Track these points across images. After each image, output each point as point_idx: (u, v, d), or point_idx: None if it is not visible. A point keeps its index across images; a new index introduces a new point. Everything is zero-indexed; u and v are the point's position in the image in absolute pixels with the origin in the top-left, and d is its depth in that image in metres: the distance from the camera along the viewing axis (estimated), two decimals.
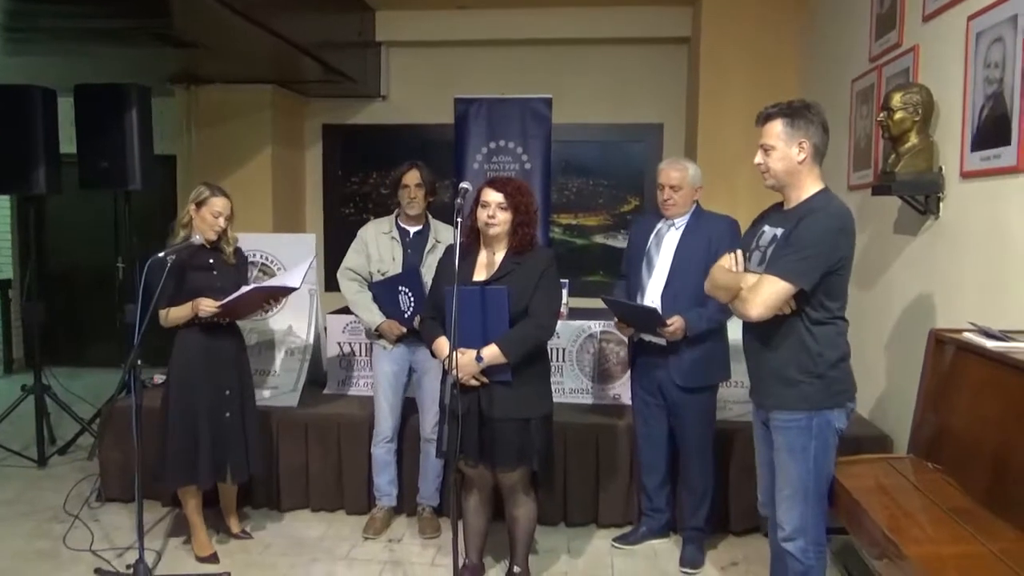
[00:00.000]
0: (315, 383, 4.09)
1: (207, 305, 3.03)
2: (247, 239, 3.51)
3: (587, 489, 3.55)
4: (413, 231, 3.50)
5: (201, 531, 3.24)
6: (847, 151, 3.86)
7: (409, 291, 3.33)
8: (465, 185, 2.68)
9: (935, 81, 2.92)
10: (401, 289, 3.35)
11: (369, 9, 5.85)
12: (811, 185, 2.32)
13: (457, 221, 2.57)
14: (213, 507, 3.42)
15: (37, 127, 4.20)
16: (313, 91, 6.22)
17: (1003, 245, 2.50)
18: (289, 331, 4.00)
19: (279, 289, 3.26)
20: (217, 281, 3.12)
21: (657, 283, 3.12)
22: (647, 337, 3.13)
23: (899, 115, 2.86)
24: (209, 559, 3.20)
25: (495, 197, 2.71)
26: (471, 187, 2.72)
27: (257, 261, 4.00)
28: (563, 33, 5.81)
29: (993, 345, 2.22)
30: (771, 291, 2.21)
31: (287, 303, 3.92)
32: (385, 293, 3.42)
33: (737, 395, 3.51)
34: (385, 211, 3.73)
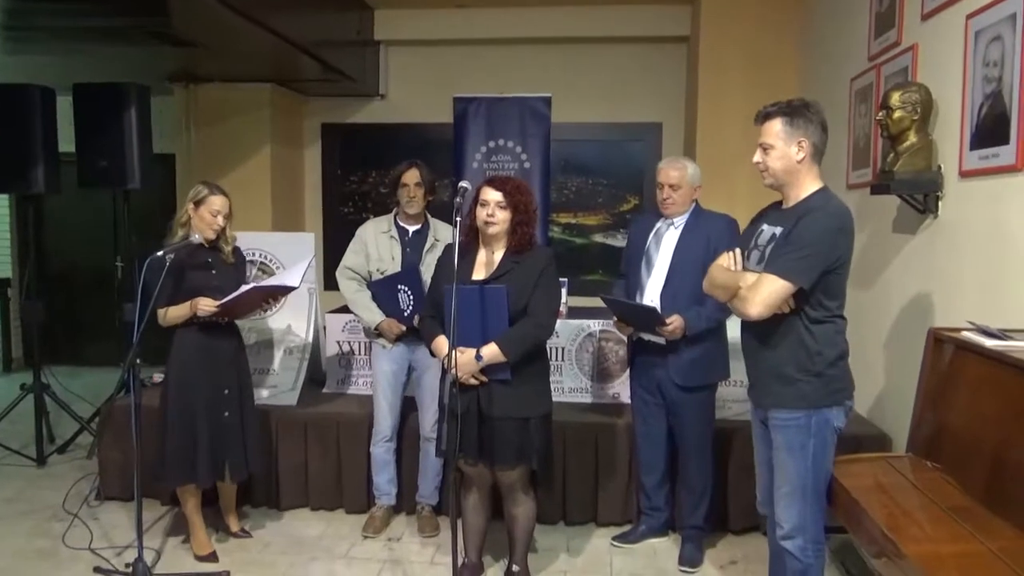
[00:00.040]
0: (314, 382, 4.09)
1: (206, 304, 3.02)
2: (246, 238, 3.50)
3: (586, 488, 3.56)
4: (412, 230, 3.50)
5: (200, 530, 3.24)
6: (846, 150, 3.86)
7: (408, 289, 3.33)
8: (464, 184, 2.69)
9: (934, 80, 2.92)
10: (400, 288, 3.35)
11: (368, 8, 5.84)
12: (810, 184, 2.32)
13: (456, 220, 2.58)
14: (212, 506, 3.42)
15: (36, 126, 4.20)
16: (312, 90, 6.22)
17: (1002, 244, 2.50)
18: (288, 330, 4.00)
19: (278, 288, 3.26)
20: (216, 280, 3.12)
21: (656, 282, 3.12)
22: (646, 336, 3.13)
23: (898, 114, 2.85)
24: (208, 558, 3.20)
25: (494, 196, 2.71)
26: (470, 186, 2.73)
27: (256, 260, 4.00)
28: (562, 32, 5.81)
29: (992, 344, 2.22)
30: (770, 290, 2.21)
31: (286, 302, 3.92)
32: (384, 292, 3.41)
33: (736, 394, 3.51)
34: (384, 210, 3.72)
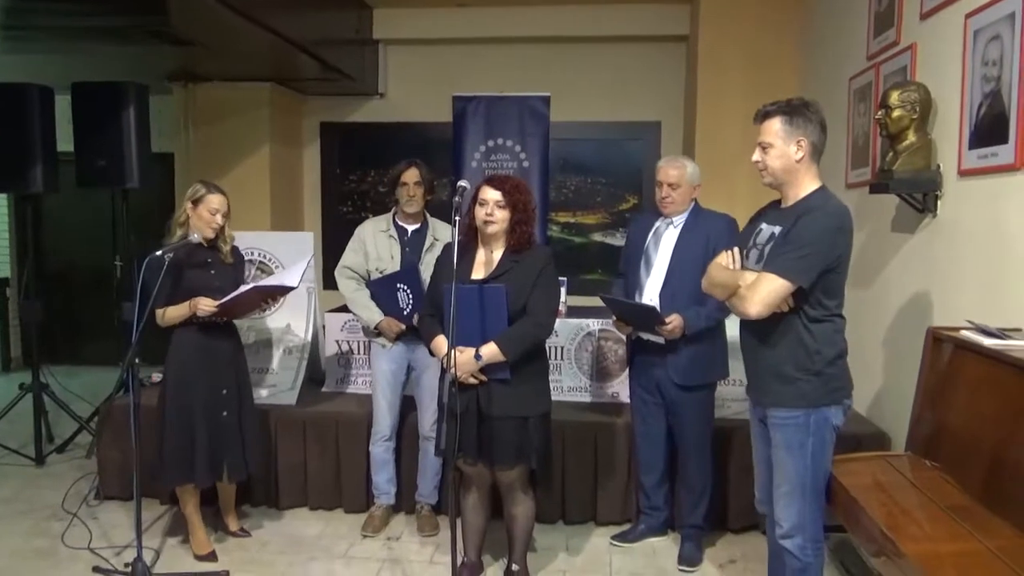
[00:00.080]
0: (313, 381, 4.09)
1: (205, 304, 3.01)
2: (245, 237, 3.50)
3: (585, 487, 3.56)
4: (411, 229, 3.49)
5: (199, 529, 3.24)
6: (845, 149, 3.86)
7: (407, 288, 3.33)
8: (463, 183, 2.69)
9: (933, 79, 2.92)
10: (400, 286, 3.35)
11: (367, 7, 5.84)
12: (809, 183, 2.32)
13: (455, 219, 2.57)
14: (212, 505, 3.42)
15: (34, 125, 4.19)
16: (311, 89, 6.22)
17: (1001, 243, 2.50)
18: (287, 329, 3.99)
19: (277, 288, 3.26)
20: (215, 280, 3.12)
21: (655, 281, 3.12)
22: (645, 335, 3.13)
23: (897, 113, 2.86)
24: (207, 557, 3.20)
25: (493, 195, 2.70)
26: (469, 185, 2.73)
27: (255, 259, 4.00)
28: (561, 31, 5.81)
29: (990, 343, 2.22)
30: (770, 289, 2.21)
31: (285, 301, 3.92)
32: (383, 291, 3.41)
33: (735, 393, 3.51)
34: (383, 209, 3.72)
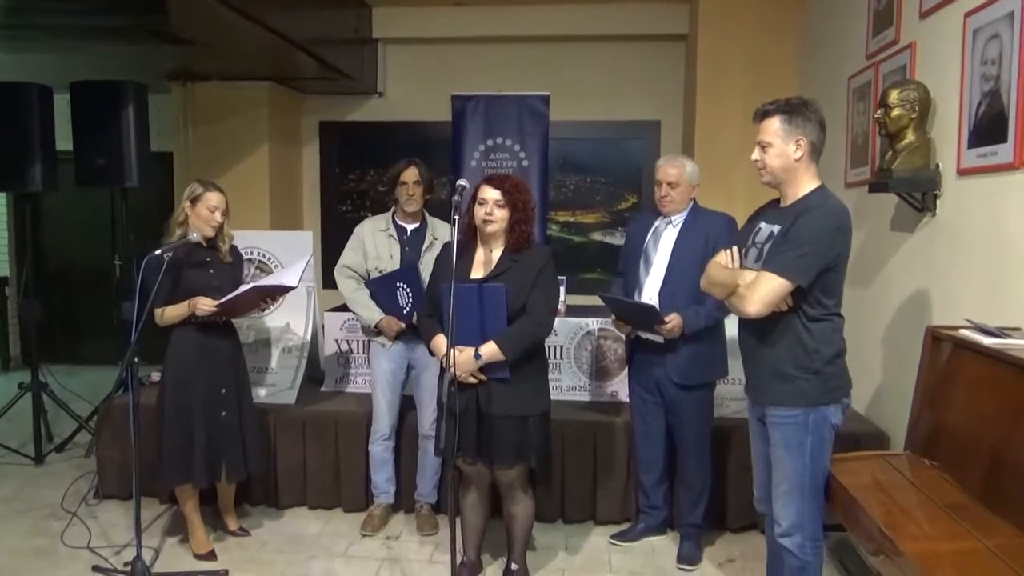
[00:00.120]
0: (313, 381, 4.09)
1: (205, 304, 3.01)
2: (244, 236, 3.50)
3: (585, 486, 3.56)
4: (411, 229, 3.49)
5: (199, 528, 3.24)
6: (844, 148, 3.86)
7: (407, 287, 3.33)
8: (462, 182, 2.69)
9: (932, 78, 2.92)
10: (399, 285, 3.35)
11: (366, 6, 5.84)
12: (808, 182, 2.33)
13: (454, 218, 2.58)
14: (211, 504, 3.42)
15: (33, 124, 4.19)
16: (310, 88, 6.22)
17: (1000, 242, 2.50)
18: (286, 328, 3.99)
19: (277, 288, 3.25)
20: (214, 280, 3.12)
21: (655, 280, 3.12)
22: (644, 335, 3.13)
23: (896, 112, 2.86)
24: (207, 556, 3.20)
25: (493, 194, 2.70)
26: (468, 184, 2.73)
27: (254, 259, 3.99)
28: (560, 30, 5.81)
29: (989, 342, 2.22)
30: (769, 288, 2.21)
31: (284, 301, 3.91)
32: (383, 290, 3.41)
33: (734, 392, 3.51)
34: (383, 208, 3.71)
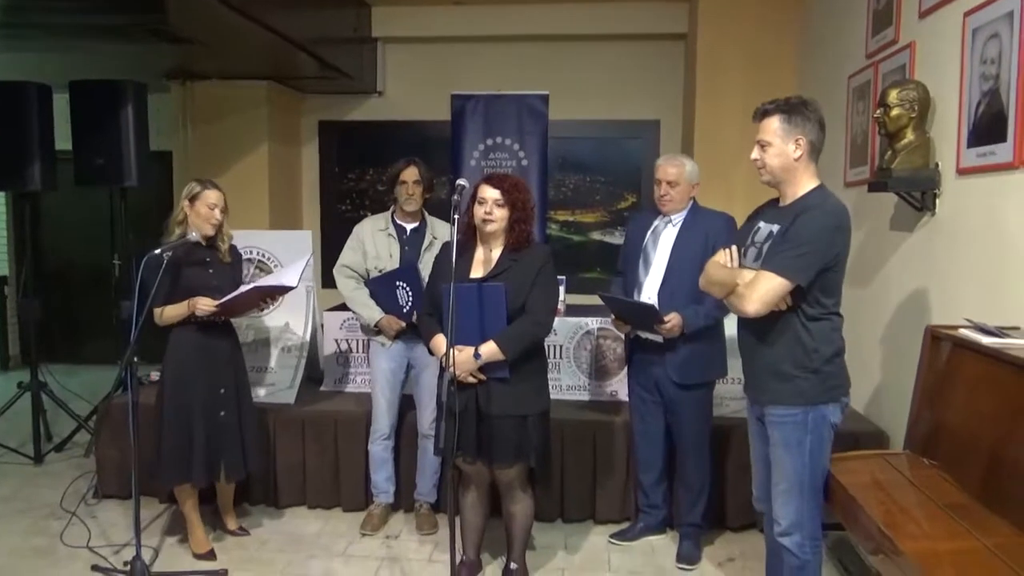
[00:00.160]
0: (312, 380, 4.08)
1: (204, 304, 3.01)
2: (243, 236, 3.49)
3: (584, 485, 3.56)
4: (410, 228, 3.49)
5: (198, 528, 3.24)
6: (843, 147, 3.86)
7: (407, 286, 3.33)
8: (462, 182, 2.68)
9: (931, 77, 2.92)
10: (399, 284, 3.35)
11: (365, 5, 5.84)
12: (807, 182, 2.33)
13: (454, 218, 2.57)
14: (210, 504, 3.42)
15: (32, 123, 4.18)
16: (309, 87, 6.22)
17: (999, 241, 2.50)
18: (286, 328, 3.99)
19: (277, 288, 3.25)
20: (213, 279, 3.11)
21: (654, 280, 3.12)
22: (644, 334, 3.13)
23: (895, 111, 2.86)
24: (206, 556, 3.20)
25: (492, 194, 2.70)
26: (468, 184, 2.72)
27: (254, 258, 3.99)
28: (560, 29, 5.81)
29: (989, 341, 2.22)
30: (768, 287, 2.22)
31: (284, 300, 3.91)
32: (382, 289, 3.41)
33: (734, 391, 3.51)
34: (382, 208, 3.71)
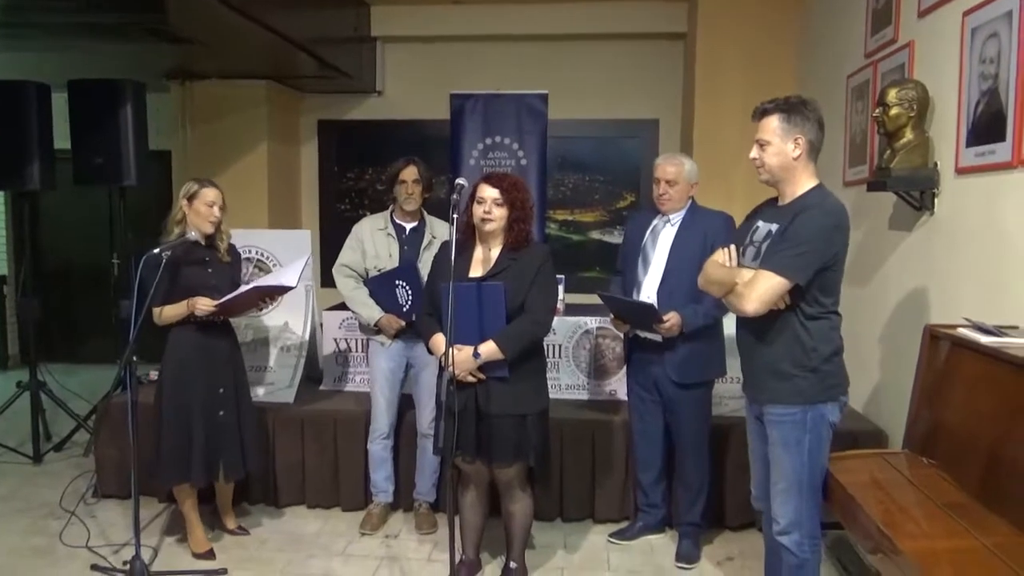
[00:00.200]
0: (311, 379, 4.08)
1: (204, 304, 3.01)
2: (242, 235, 3.49)
3: (583, 485, 3.56)
4: (409, 227, 3.49)
5: (197, 527, 3.24)
6: (843, 147, 3.86)
7: (406, 285, 3.33)
8: (461, 181, 2.68)
9: (930, 77, 2.92)
10: (398, 283, 3.35)
11: (364, 4, 5.83)
12: (806, 181, 2.33)
13: (453, 217, 2.57)
14: (210, 503, 3.42)
15: (31, 123, 4.18)
16: (308, 87, 6.22)
17: (998, 241, 2.51)
18: (285, 327, 3.99)
19: (276, 288, 3.25)
20: (212, 278, 3.11)
21: (653, 279, 3.12)
22: (643, 333, 3.13)
23: (894, 111, 2.86)
24: (205, 555, 3.20)
25: (491, 193, 2.70)
26: (467, 183, 2.72)
27: (253, 257, 3.99)
28: (559, 29, 5.81)
29: (987, 340, 2.23)
30: (767, 286, 2.22)
31: (283, 300, 3.91)
32: (382, 288, 3.41)
33: (733, 391, 3.51)
34: (381, 207, 3.71)
